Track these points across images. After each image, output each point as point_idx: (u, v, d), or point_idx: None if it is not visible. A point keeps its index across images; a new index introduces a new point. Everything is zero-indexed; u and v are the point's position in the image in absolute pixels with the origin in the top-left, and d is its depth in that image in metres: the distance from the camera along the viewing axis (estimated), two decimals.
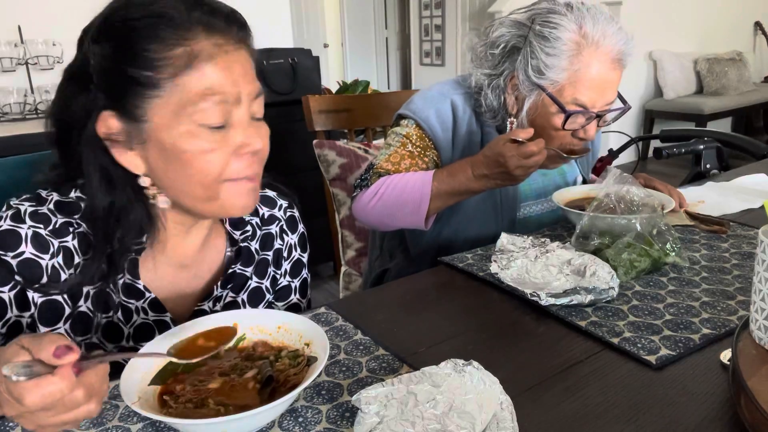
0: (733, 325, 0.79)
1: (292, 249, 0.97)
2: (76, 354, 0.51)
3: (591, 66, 1.09)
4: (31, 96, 2.72)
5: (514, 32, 1.16)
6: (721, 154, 2.09)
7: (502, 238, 1.01)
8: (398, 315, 0.87)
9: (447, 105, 1.23)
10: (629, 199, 1.04)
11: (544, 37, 1.10)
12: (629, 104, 1.21)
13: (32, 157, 1.02)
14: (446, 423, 0.55)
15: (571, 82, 1.10)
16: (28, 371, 0.50)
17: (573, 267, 0.90)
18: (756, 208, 1.28)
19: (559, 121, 1.13)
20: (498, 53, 1.18)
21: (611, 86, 1.12)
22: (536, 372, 0.71)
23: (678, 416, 0.62)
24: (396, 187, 1.16)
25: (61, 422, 0.53)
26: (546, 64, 1.10)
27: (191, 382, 0.66)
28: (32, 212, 0.74)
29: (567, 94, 1.11)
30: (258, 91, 0.74)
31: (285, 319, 0.74)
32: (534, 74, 1.12)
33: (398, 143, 1.23)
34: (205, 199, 0.73)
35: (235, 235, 0.89)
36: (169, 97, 0.68)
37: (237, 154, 0.72)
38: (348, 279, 1.72)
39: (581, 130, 1.15)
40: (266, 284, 0.92)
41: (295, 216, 0.98)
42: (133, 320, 0.80)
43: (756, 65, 5.85)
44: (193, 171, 0.71)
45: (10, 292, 0.73)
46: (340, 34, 7.01)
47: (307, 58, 2.84)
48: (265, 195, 0.95)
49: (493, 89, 1.20)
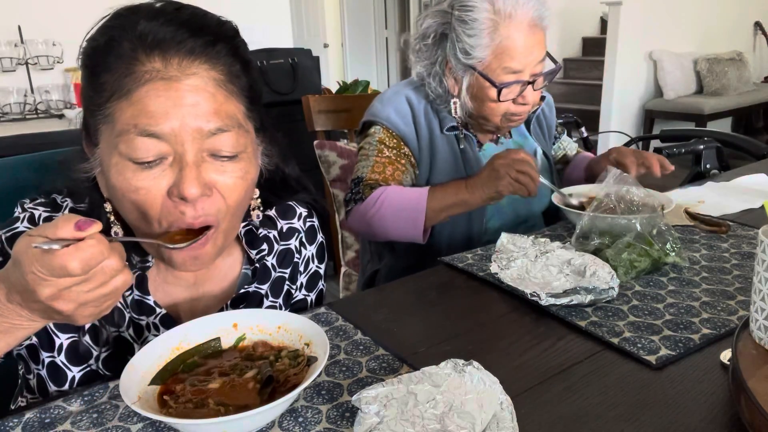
0: (733, 325, 0.79)
1: (310, 261, 0.93)
2: (99, 224, 0.50)
3: (510, 37, 1.18)
4: (31, 96, 2.73)
5: (439, 21, 1.25)
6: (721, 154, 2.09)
7: (502, 237, 1.01)
8: (398, 315, 0.87)
9: (402, 100, 1.32)
10: (629, 199, 1.04)
11: (463, 21, 1.19)
12: (560, 64, 1.31)
13: (32, 157, 1.02)
14: (446, 423, 0.55)
15: (497, 55, 1.19)
16: (59, 244, 0.48)
17: (573, 267, 0.90)
18: (756, 208, 1.28)
19: (495, 94, 1.21)
20: (430, 43, 1.28)
21: (534, 48, 1.20)
22: (536, 372, 0.71)
23: (678, 416, 0.62)
24: (393, 201, 1.21)
25: (100, 295, 0.52)
26: (470, 45, 1.20)
27: (191, 382, 0.66)
28: (47, 218, 0.72)
29: (496, 66, 1.20)
30: (219, 126, 0.64)
31: (285, 319, 0.74)
32: (462, 56, 1.22)
33: (375, 152, 1.30)
34: (149, 246, 0.69)
35: (251, 254, 0.83)
36: (107, 125, 0.64)
37: (170, 195, 0.64)
38: (348, 279, 1.72)
39: (519, 97, 1.23)
40: (280, 302, 0.87)
41: (315, 226, 0.93)
42: (144, 336, 0.77)
43: (756, 65, 5.86)
44: (126, 211, 0.66)
45: None
46: (340, 34, 7.01)
47: (307, 58, 2.85)
48: (284, 205, 0.89)
49: (433, 77, 1.30)
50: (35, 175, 0.83)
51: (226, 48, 0.66)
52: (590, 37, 5.94)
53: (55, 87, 2.77)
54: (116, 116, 0.63)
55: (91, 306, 0.52)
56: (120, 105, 0.63)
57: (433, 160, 1.32)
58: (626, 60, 4.85)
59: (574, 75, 5.83)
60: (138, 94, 0.62)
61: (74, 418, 0.64)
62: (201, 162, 0.64)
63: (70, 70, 2.79)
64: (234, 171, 0.67)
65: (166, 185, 0.64)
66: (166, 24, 0.64)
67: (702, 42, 5.45)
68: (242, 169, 0.68)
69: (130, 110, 0.62)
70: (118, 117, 0.63)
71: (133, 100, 0.62)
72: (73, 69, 2.78)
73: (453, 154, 1.32)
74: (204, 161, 0.65)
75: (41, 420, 0.63)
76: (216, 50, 0.65)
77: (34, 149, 1.05)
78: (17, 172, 0.99)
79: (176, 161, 0.63)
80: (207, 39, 0.65)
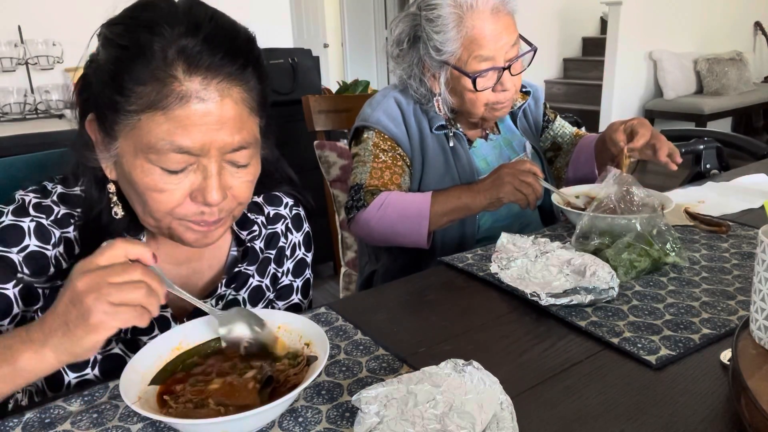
0: (733, 325, 0.79)
1: (296, 248, 0.97)
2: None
3: (475, 26, 1.20)
4: (31, 96, 2.73)
5: (410, 24, 1.29)
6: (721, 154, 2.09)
7: (502, 237, 1.01)
8: (398, 315, 0.87)
9: (391, 102, 1.34)
10: (629, 199, 1.04)
11: (430, 20, 1.23)
12: (535, 45, 1.30)
13: (32, 157, 1.02)
14: (446, 423, 0.55)
15: (466, 46, 1.22)
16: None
17: (573, 267, 0.90)
18: (756, 208, 1.28)
19: (471, 84, 1.23)
20: (405, 48, 1.31)
21: (502, 33, 1.22)
22: (536, 372, 0.71)
23: (678, 416, 0.62)
24: (396, 206, 1.22)
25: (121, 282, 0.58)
26: (440, 41, 1.23)
27: (191, 382, 0.66)
28: (36, 204, 0.76)
29: (467, 57, 1.22)
30: (242, 143, 0.70)
31: (285, 319, 0.74)
32: (435, 54, 1.25)
33: (371, 157, 1.31)
34: (155, 226, 0.74)
35: (242, 236, 0.89)
36: (133, 129, 0.67)
37: (194, 198, 0.70)
38: (348, 279, 1.72)
39: (498, 84, 1.25)
40: (266, 282, 0.92)
41: (301, 214, 0.98)
42: None
43: (756, 65, 5.86)
44: (144, 201, 0.71)
45: (14, 288, 0.72)
46: (340, 34, 7.01)
47: (307, 58, 2.84)
48: (270, 194, 0.94)
49: (413, 78, 1.32)
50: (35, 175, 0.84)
51: (254, 70, 0.71)
52: (590, 37, 5.94)
53: (55, 87, 2.77)
54: (149, 127, 0.66)
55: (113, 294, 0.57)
56: (154, 118, 0.65)
57: (425, 160, 1.33)
58: (626, 60, 4.86)
59: (574, 75, 5.83)
60: (174, 113, 0.65)
61: (74, 418, 0.64)
62: (221, 170, 0.70)
63: (70, 70, 2.79)
64: (246, 176, 0.74)
65: (189, 187, 0.69)
66: (208, 44, 0.66)
67: (702, 42, 5.45)
68: (252, 174, 0.75)
69: (166, 125, 0.65)
70: (151, 128, 0.66)
71: (169, 116, 0.65)
72: (73, 69, 2.78)
73: (443, 153, 1.33)
74: (223, 168, 0.71)
75: (41, 420, 0.64)
76: (247, 73, 0.70)
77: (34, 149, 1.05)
78: (17, 172, 0.99)
79: (200, 168, 0.69)
80: (241, 62, 0.68)
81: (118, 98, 0.66)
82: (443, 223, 1.24)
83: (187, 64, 0.65)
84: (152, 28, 0.65)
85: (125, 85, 0.65)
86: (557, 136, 1.53)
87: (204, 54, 0.65)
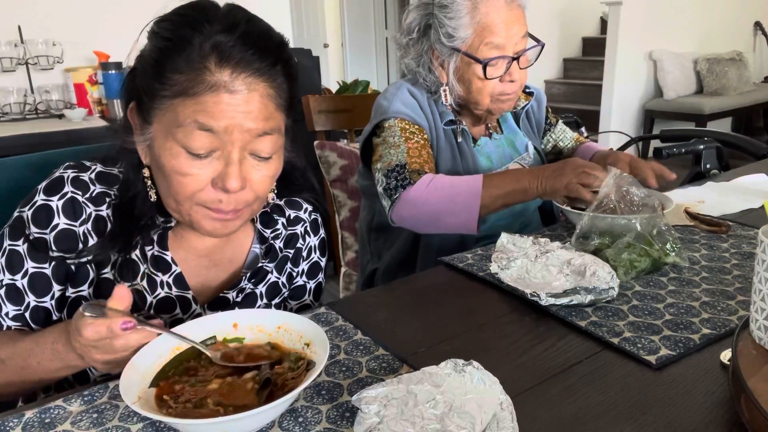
0: (733, 325, 0.79)
1: (312, 251, 0.99)
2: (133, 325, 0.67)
3: (489, 13, 1.23)
4: (31, 96, 2.73)
5: (422, 12, 1.31)
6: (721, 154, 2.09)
7: (502, 237, 1.01)
8: (398, 315, 0.87)
9: (406, 93, 1.35)
10: (629, 199, 1.04)
11: (444, 6, 1.25)
12: (542, 42, 1.33)
13: (32, 157, 1.02)
14: (446, 423, 0.55)
15: (479, 33, 1.24)
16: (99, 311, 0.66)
17: (573, 267, 0.90)
18: (756, 208, 1.28)
19: (481, 71, 1.25)
20: (415, 37, 1.33)
21: (514, 24, 1.25)
22: (536, 372, 0.71)
23: (678, 416, 0.62)
24: (445, 185, 1.19)
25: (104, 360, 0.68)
26: (452, 27, 1.24)
27: (191, 383, 0.66)
28: (74, 178, 0.81)
29: (479, 43, 1.24)
30: (266, 129, 0.74)
31: (285, 319, 0.74)
32: (446, 40, 1.26)
33: (402, 139, 1.28)
34: (177, 210, 0.78)
35: (265, 234, 0.92)
36: (166, 113, 0.73)
37: (214, 185, 0.74)
38: (348, 279, 1.72)
39: (506, 74, 1.27)
40: (283, 279, 0.95)
41: (318, 220, 1.01)
42: (157, 292, 0.84)
43: (756, 65, 5.86)
44: (168, 184, 0.76)
45: (50, 267, 0.79)
46: (340, 34, 7.01)
47: (307, 58, 2.85)
48: (291, 199, 0.97)
49: (423, 67, 1.34)
50: (35, 175, 0.84)
51: (283, 69, 0.76)
52: (590, 37, 5.94)
53: (55, 87, 2.77)
54: (178, 110, 0.71)
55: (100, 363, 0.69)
56: (184, 102, 0.71)
57: (437, 150, 1.33)
58: (626, 60, 4.85)
59: (574, 75, 5.83)
60: (203, 98, 0.70)
61: (74, 418, 0.64)
62: (242, 159, 0.74)
63: (70, 70, 2.79)
64: (266, 170, 0.77)
65: (212, 174, 0.74)
66: (241, 40, 0.71)
67: (702, 42, 5.45)
68: (273, 169, 0.79)
69: (193, 107, 0.71)
70: (180, 111, 0.71)
71: (198, 100, 0.70)
72: (73, 69, 2.78)
73: (451, 149, 1.34)
74: (245, 159, 0.75)
75: (41, 420, 0.64)
76: (275, 70, 0.74)
77: (34, 149, 1.06)
78: (17, 172, 0.99)
79: (223, 156, 0.73)
80: (270, 60, 0.73)
81: (156, 85, 0.72)
82: (497, 207, 1.18)
83: (220, 57, 0.70)
84: (194, 25, 0.71)
85: (164, 73, 0.71)
86: (559, 140, 1.55)
87: (236, 49, 0.71)
